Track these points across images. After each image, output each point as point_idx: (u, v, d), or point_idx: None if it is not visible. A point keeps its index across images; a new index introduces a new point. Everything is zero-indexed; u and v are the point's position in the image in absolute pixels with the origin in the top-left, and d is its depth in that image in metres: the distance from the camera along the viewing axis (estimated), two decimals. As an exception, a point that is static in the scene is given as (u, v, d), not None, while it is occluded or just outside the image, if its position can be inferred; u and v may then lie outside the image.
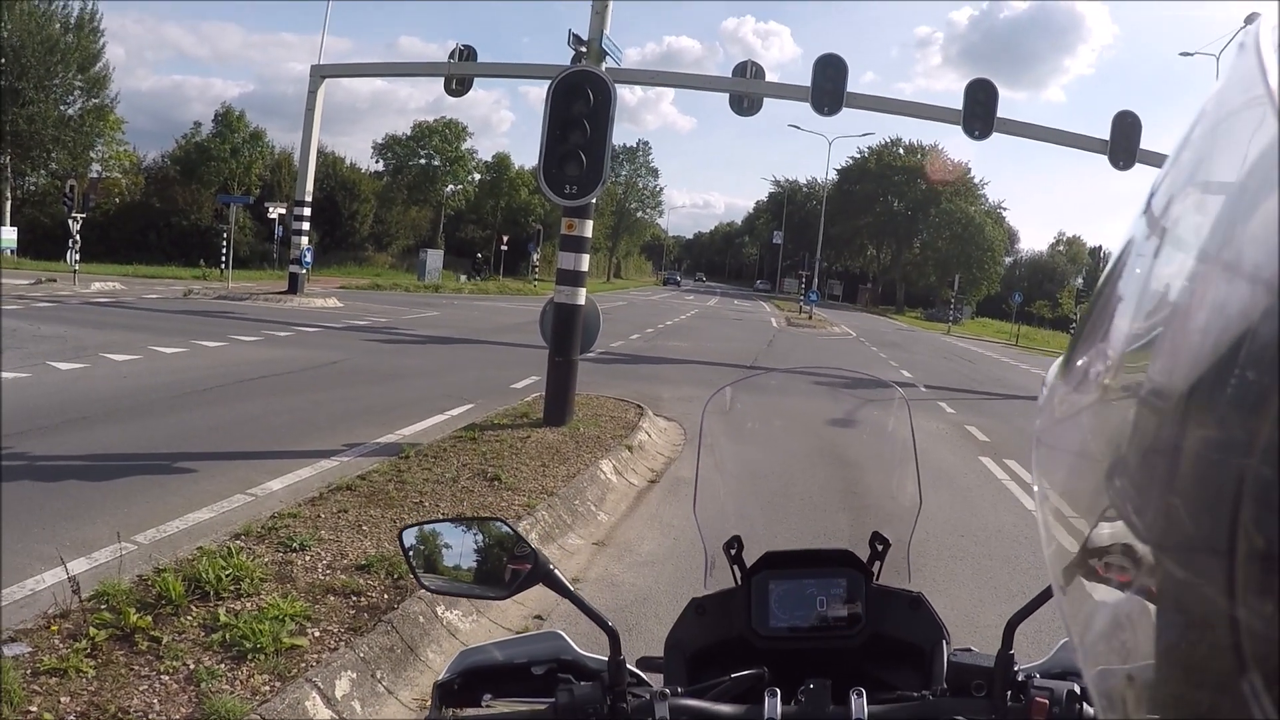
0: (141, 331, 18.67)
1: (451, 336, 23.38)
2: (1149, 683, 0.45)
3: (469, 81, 28.98)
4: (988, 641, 1.52)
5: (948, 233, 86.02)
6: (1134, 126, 24.82)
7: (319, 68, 32.60)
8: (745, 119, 26.09)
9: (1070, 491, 0.60)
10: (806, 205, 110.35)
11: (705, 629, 1.71)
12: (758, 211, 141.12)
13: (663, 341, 27.81)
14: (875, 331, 48.42)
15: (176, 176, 52.17)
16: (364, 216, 61.59)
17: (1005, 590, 6.81)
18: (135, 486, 7.83)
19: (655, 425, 12.24)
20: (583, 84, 10.01)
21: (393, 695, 4.62)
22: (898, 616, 1.68)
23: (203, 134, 55.25)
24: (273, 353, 17.38)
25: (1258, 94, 0.44)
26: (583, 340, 11.61)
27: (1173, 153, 0.55)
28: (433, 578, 1.65)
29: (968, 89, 24.69)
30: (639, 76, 29.15)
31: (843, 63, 24.35)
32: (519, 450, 9.49)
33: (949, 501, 9.37)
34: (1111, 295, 0.58)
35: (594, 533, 7.68)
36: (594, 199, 10.73)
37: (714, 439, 1.96)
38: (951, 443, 13.52)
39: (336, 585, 5.49)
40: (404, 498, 7.44)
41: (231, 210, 34.65)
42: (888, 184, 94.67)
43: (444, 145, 70.78)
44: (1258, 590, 0.36)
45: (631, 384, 16.18)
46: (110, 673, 4.22)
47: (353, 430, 10.72)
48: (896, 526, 1.81)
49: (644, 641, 4.93)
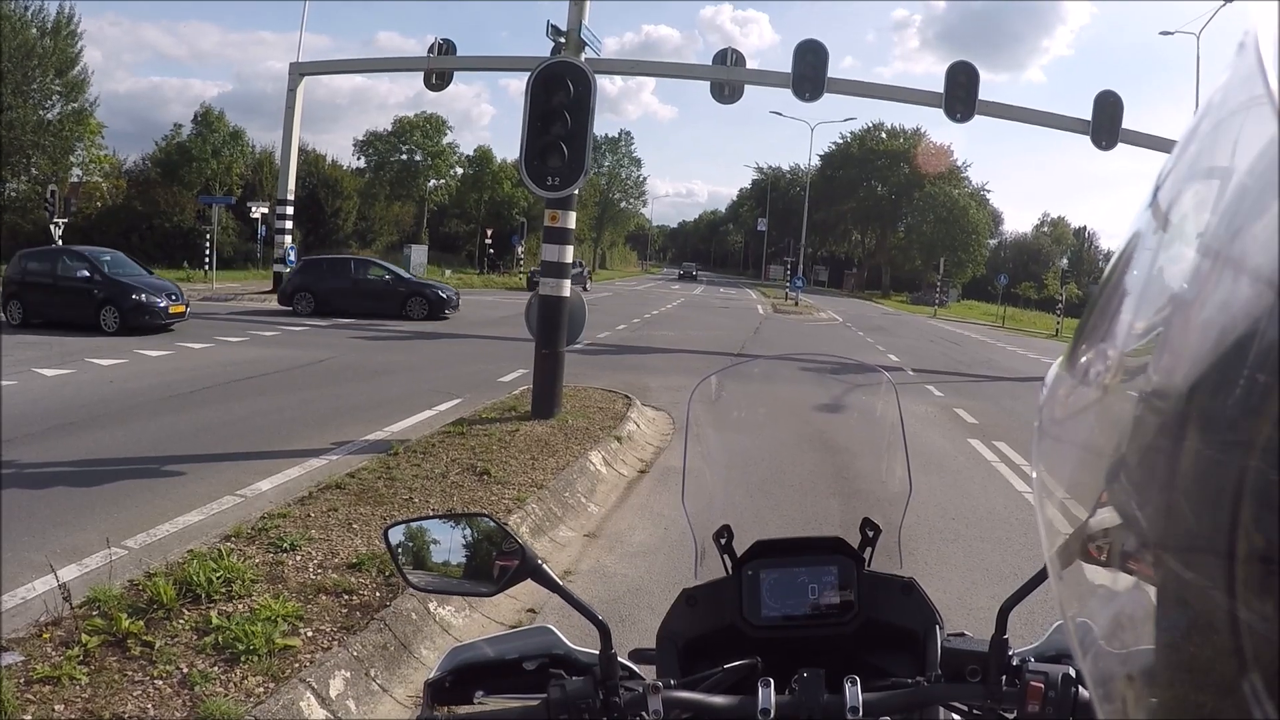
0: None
1: (438, 331, 23.34)
2: (1149, 682, 0.44)
3: (449, 76, 28.92)
4: (981, 625, 1.52)
5: (932, 216, 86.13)
6: (1116, 106, 24.91)
7: (298, 65, 32.52)
8: (727, 107, 26.14)
9: (1071, 483, 0.59)
10: (790, 192, 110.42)
11: (697, 620, 1.70)
12: (741, 199, 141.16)
13: (649, 331, 27.81)
14: (861, 316, 48.51)
15: (158, 178, 51.85)
16: (347, 214, 61.34)
17: (998, 573, 6.83)
18: (124, 491, 7.80)
19: (644, 415, 12.23)
20: (563, 75, 9.98)
21: (387, 693, 4.61)
22: (890, 603, 1.67)
23: (183, 135, 54.98)
24: (259, 353, 17.33)
25: (1258, 94, 0.43)
26: (569, 332, 11.60)
27: (1178, 146, 0.55)
28: (420, 575, 1.63)
29: (949, 72, 24.74)
30: (619, 66, 29.15)
31: (823, 48, 24.37)
32: (508, 444, 9.48)
33: (939, 485, 9.39)
34: (1117, 288, 0.58)
35: (585, 524, 7.68)
36: (576, 190, 10.70)
37: (701, 428, 1.96)
38: (940, 426, 13.55)
39: (328, 584, 5.47)
40: (394, 494, 7.43)
41: (214, 211, 34.54)
42: (871, 169, 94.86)
43: (425, 140, 70.59)
44: (1258, 590, 0.35)
45: (619, 375, 16.18)
46: (103, 679, 4.20)
47: (341, 428, 10.69)
48: (887, 512, 1.80)
49: (637, 632, 4.93)
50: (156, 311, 20.51)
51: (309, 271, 27.97)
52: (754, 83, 26.05)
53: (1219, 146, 0.48)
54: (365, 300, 26.53)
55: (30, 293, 20.97)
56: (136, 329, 19.89)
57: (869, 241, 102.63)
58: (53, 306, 20.72)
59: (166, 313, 20.69)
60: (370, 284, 27.24)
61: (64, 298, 20.66)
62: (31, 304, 20.90)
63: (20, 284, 21.10)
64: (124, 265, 22.00)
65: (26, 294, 20.97)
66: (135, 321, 20.09)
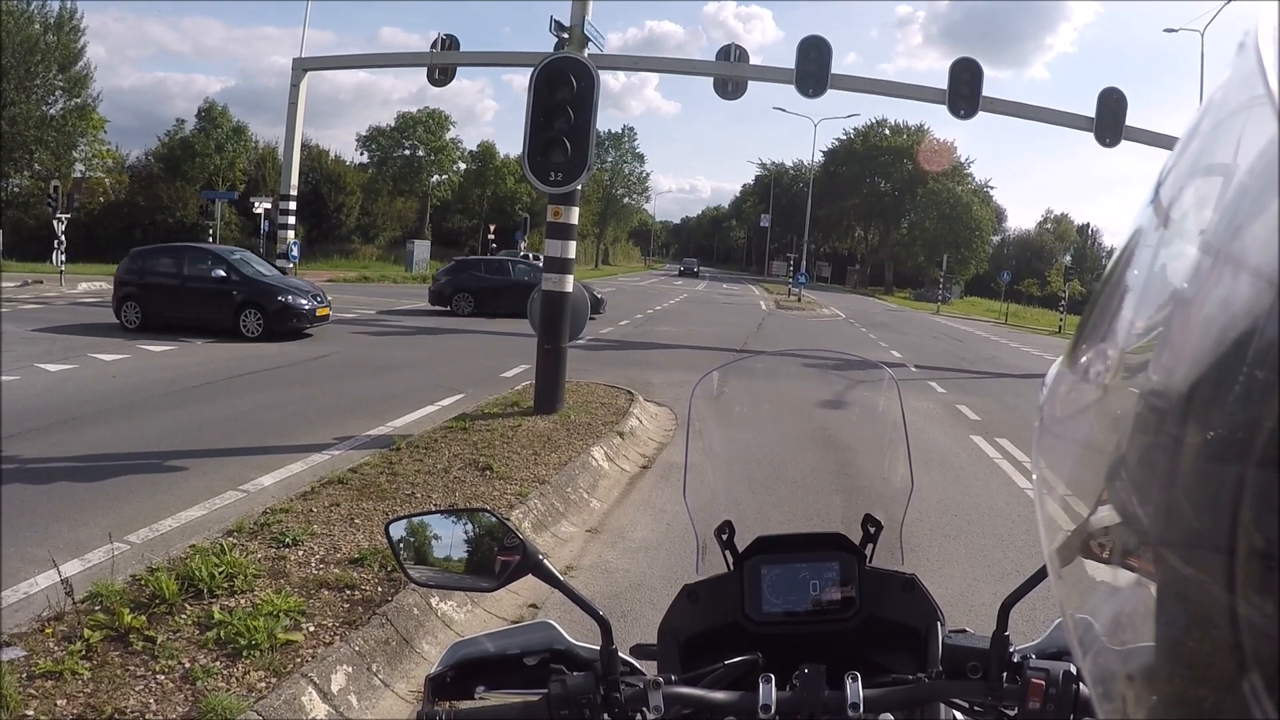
0: (129, 330, 18.64)
1: (440, 327, 23.33)
2: (1149, 679, 0.44)
3: (452, 71, 28.82)
4: (983, 621, 1.52)
5: (935, 213, 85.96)
6: (1119, 103, 24.81)
7: (301, 61, 32.41)
8: (730, 103, 25.99)
9: (1072, 481, 0.59)
10: (793, 188, 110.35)
11: (698, 615, 1.70)
12: (744, 195, 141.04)
13: (652, 327, 27.81)
14: (864, 313, 48.49)
15: (161, 174, 52.01)
16: (350, 209, 61.45)
17: (999, 569, 6.83)
18: (127, 486, 7.81)
19: (646, 411, 12.23)
20: (566, 70, 9.97)
21: (389, 688, 4.62)
22: (891, 599, 1.67)
23: (186, 130, 55.13)
24: (262, 348, 17.34)
25: (1258, 93, 0.43)
26: (572, 327, 11.61)
27: (1179, 144, 0.55)
28: (421, 570, 1.63)
29: (952, 68, 24.66)
30: (622, 62, 29.05)
31: (826, 45, 24.30)
32: (510, 439, 9.48)
33: (941, 481, 9.39)
34: (1118, 286, 0.58)
35: (587, 520, 7.68)
36: (579, 185, 10.70)
37: (703, 424, 1.95)
38: (943, 422, 13.55)
39: (330, 579, 5.48)
40: (396, 490, 7.43)
41: (217, 206, 34.66)
42: (874, 165, 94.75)
43: (428, 136, 70.71)
44: (1258, 588, 0.35)
45: (622, 370, 16.18)
46: (106, 674, 4.21)
47: (344, 423, 10.70)
48: (889, 508, 1.80)
49: (639, 628, 4.93)
50: (303, 314, 19.23)
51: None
52: (757, 79, 25.97)
53: (1220, 145, 0.48)
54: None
55: (151, 294, 19.27)
56: (281, 334, 18.78)
57: (872, 238, 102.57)
58: (181, 309, 19.14)
59: (313, 316, 19.44)
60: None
61: (196, 300, 19.11)
62: (153, 306, 19.24)
63: (139, 285, 19.41)
64: (255, 263, 20.67)
65: (147, 295, 19.28)
66: (281, 325, 18.82)
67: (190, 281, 19.41)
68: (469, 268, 29.28)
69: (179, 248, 21.64)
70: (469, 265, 29.79)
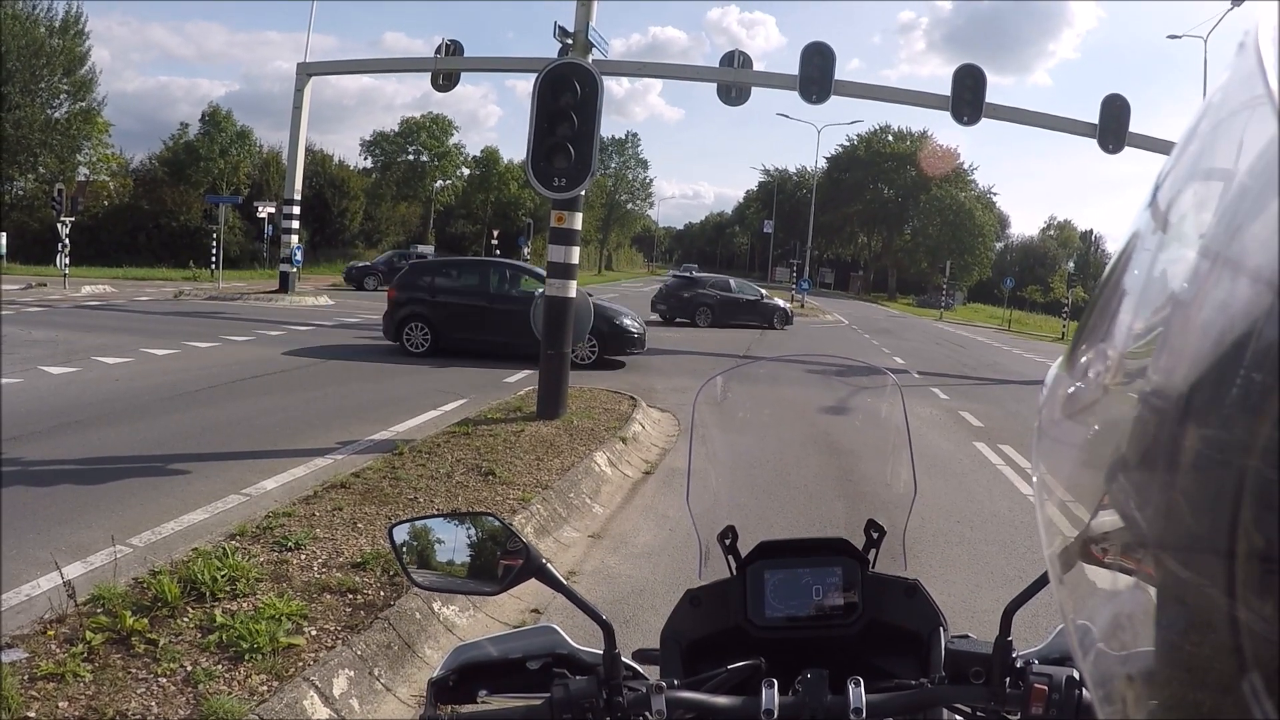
0: (133, 334, 18.65)
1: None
2: (1149, 682, 0.44)
3: (456, 77, 28.88)
4: (986, 627, 1.52)
5: (938, 219, 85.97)
6: (1123, 109, 24.85)
7: (305, 65, 32.53)
8: (733, 109, 26.08)
9: (1071, 484, 0.59)
10: (796, 194, 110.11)
11: (701, 620, 1.70)
12: (748, 201, 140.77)
13: (655, 332, 27.77)
14: (867, 319, 48.47)
15: (164, 178, 52.03)
16: (353, 214, 61.47)
17: (1002, 575, 6.82)
18: (129, 489, 7.82)
19: (649, 417, 12.23)
20: (569, 76, 9.99)
21: (391, 692, 4.61)
22: (894, 604, 1.67)
23: (190, 134, 55.19)
24: (265, 352, 17.35)
25: (1258, 94, 0.43)
26: (575, 333, 11.62)
27: (1178, 146, 0.55)
28: (424, 574, 1.63)
29: (956, 75, 24.71)
30: (626, 68, 29.15)
31: (830, 50, 24.35)
32: (513, 444, 9.48)
33: (944, 487, 9.38)
34: (1117, 288, 0.58)
35: (589, 525, 7.67)
36: (583, 191, 10.71)
37: (706, 429, 1.95)
38: (946, 428, 13.54)
39: (332, 583, 5.48)
40: (398, 494, 7.43)
41: (220, 210, 34.63)
42: (877, 171, 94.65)
43: (432, 141, 70.87)
44: (1258, 590, 0.36)
45: (624, 375, 16.17)
46: (107, 676, 4.21)
47: (346, 428, 10.71)
48: (891, 514, 1.80)
49: (642, 633, 4.93)
50: (635, 339, 17.72)
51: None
52: (761, 85, 26.02)
53: (1219, 147, 0.49)
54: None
55: (443, 314, 17.45)
56: (614, 361, 17.44)
57: (875, 244, 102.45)
58: (486, 331, 17.29)
59: (643, 341, 17.99)
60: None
61: (509, 323, 16.50)
62: (447, 329, 17.43)
63: (428, 303, 17.51)
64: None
65: (438, 316, 17.44)
66: (616, 350, 17.41)
67: (499, 302, 17.54)
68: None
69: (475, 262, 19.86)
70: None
